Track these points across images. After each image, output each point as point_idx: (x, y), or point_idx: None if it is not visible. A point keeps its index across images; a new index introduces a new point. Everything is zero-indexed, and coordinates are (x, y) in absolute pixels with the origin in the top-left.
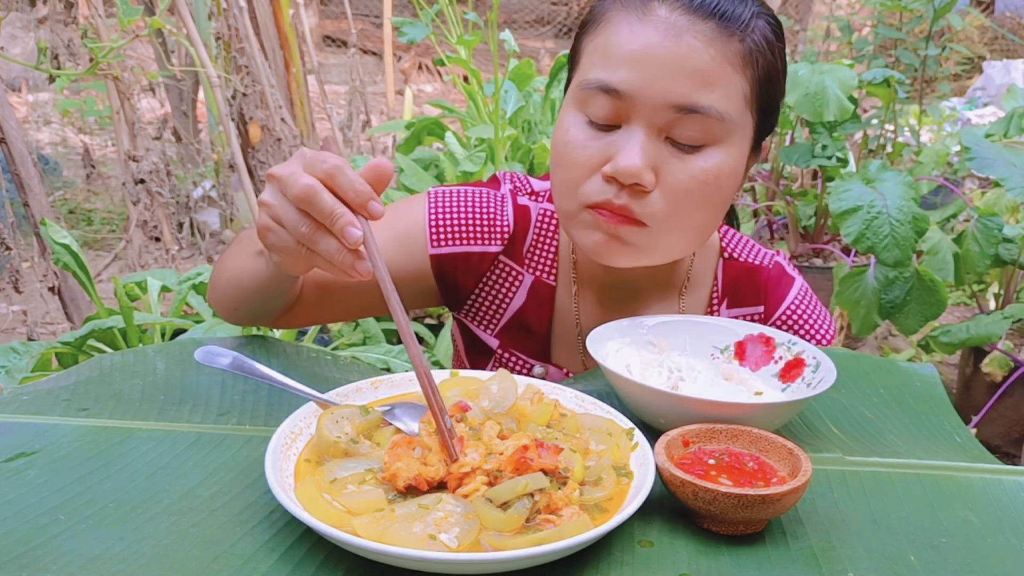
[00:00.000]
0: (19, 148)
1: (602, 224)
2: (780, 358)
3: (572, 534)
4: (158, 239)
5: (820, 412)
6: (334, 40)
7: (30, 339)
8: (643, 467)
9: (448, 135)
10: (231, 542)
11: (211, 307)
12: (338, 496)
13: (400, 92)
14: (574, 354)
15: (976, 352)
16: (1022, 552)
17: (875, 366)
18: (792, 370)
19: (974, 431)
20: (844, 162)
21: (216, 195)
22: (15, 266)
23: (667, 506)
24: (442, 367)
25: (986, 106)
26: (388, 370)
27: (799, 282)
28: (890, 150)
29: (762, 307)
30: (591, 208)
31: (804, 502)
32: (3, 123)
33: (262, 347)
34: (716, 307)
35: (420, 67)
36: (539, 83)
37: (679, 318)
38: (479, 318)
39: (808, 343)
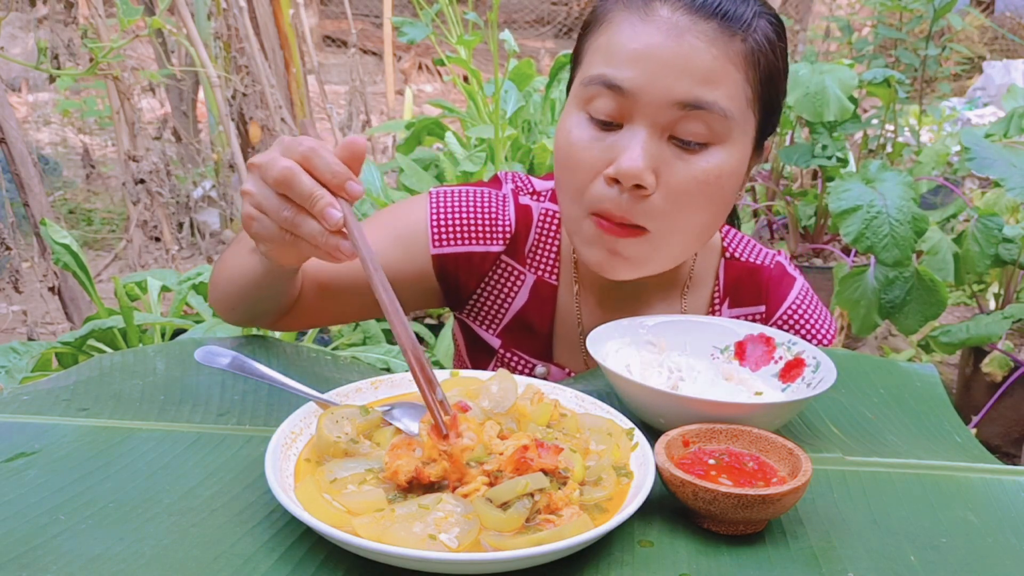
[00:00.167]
0: (19, 148)
1: (603, 239)
2: (780, 358)
3: (572, 534)
4: (158, 239)
5: (820, 412)
6: (334, 40)
7: (30, 339)
8: (643, 467)
9: (448, 135)
10: (231, 542)
11: (211, 307)
12: (338, 496)
13: (400, 92)
14: (576, 354)
15: (976, 352)
16: (1022, 552)
17: (875, 366)
18: (792, 370)
19: (974, 431)
20: (844, 162)
21: (216, 195)
22: (15, 266)
23: (667, 506)
24: (442, 367)
25: (986, 106)
26: (388, 370)
27: (800, 282)
28: (890, 150)
29: (763, 307)
30: (594, 215)
31: (804, 502)
32: (3, 123)
33: (262, 347)
34: (718, 307)
35: (420, 67)
36: (539, 83)
37: (679, 318)
38: (481, 318)
39: (808, 343)
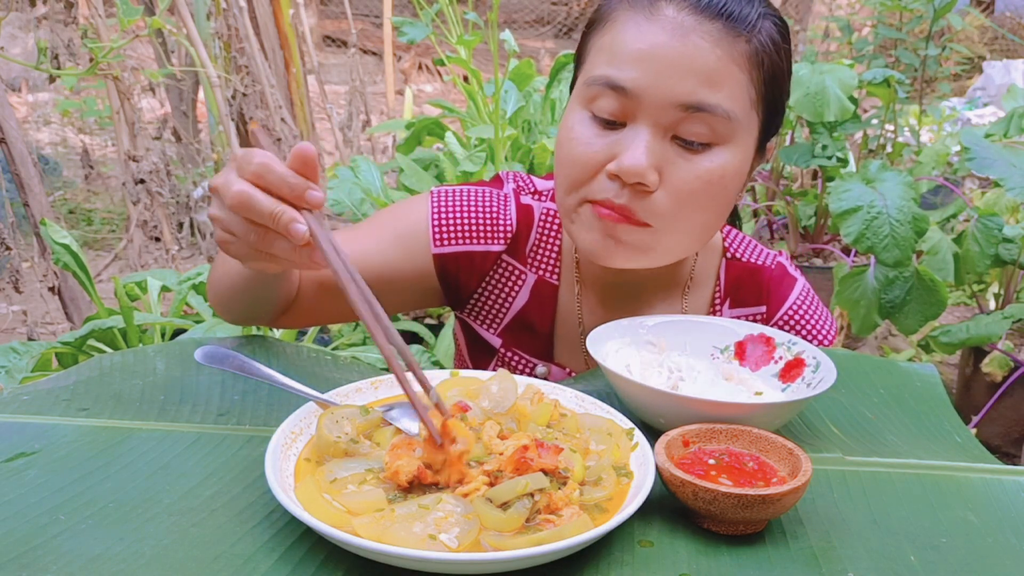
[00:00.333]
0: (19, 148)
1: (602, 223)
2: (780, 358)
3: (572, 534)
4: (158, 239)
5: (820, 412)
6: (334, 40)
7: (30, 339)
8: (643, 467)
9: (448, 135)
10: (231, 542)
11: (211, 307)
12: (338, 496)
13: (400, 92)
14: (576, 354)
15: (976, 352)
16: (1022, 552)
17: (875, 366)
18: (792, 370)
19: (974, 431)
20: (844, 162)
21: None
22: (15, 266)
23: (667, 506)
24: (442, 367)
25: (986, 106)
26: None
27: (801, 282)
28: (890, 150)
29: (764, 307)
30: (591, 203)
31: (804, 502)
32: (3, 123)
33: (262, 347)
34: (719, 307)
35: (420, 67)
36: (539, 83)
37: (679, 318)
38: (482, 317)
39: (808, 343)
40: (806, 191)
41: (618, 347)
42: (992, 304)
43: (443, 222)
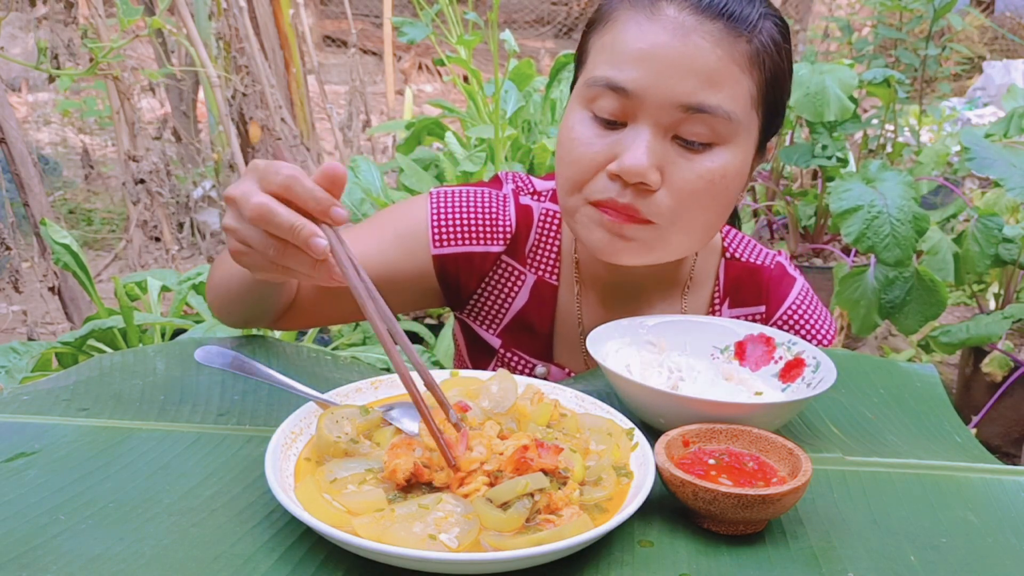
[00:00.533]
0: (19, 148)
1: (605, 222)
2: (780, 358)
3: (572, 534)
4: (158, 239)
5: (820, 412)
6: (334, 40)
7: (30, 339)
8: (643, 467)
9: (448, 135)
10: (231, 542)
11: (210, 310)
12: (338, 496)
13: (400, 92)
14: (576, 354)
15: (976, 352)
16: (1022, 552)
17: (875, 366)
18: (792, 370)
19: (974, 431)
20: (844, 162)
21: (216, 195)
22: (15, 266)
23: (667, 506)
24: (442, 367)
25: (986, 106)
26: (388, 370)
27: (800, 282)
28: (890, 150)
29: (764, 307)
30: (594, 204)
31: (804, 502)
32: (3, 123)
33: (262, 347)
34: (718, 307)
35: (420, 67)
36: (539, 83)
37: (679, 318)
38: (481, 318)
39: (808, 343)
40: (806, 191)
41: (618, 347)
42: (992, 304)
43: (442, 223)
